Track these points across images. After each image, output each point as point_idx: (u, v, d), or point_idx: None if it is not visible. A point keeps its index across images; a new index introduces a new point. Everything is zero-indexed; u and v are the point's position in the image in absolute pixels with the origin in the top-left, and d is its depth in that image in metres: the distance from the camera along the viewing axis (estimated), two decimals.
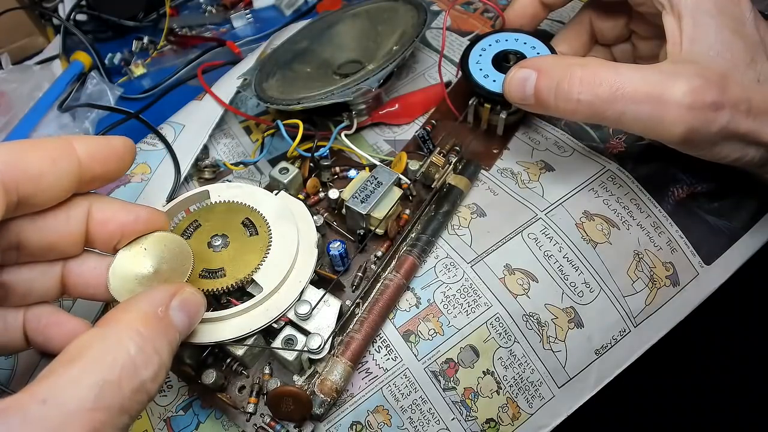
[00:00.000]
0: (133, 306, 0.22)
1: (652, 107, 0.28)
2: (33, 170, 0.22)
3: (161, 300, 0.22)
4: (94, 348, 0.19)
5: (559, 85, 0.31)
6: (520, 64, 0.33)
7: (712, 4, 0.30)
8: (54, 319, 0.26)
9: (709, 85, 0.28)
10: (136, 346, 0.20)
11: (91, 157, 0.24)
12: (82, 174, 0.24)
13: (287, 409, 0.28)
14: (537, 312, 0.33)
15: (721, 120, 0.28)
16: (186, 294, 0.24)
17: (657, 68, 0.29)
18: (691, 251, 0.36)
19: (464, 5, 0.53)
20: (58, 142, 0.23)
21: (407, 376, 0.31)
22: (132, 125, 0.46)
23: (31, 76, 0.56)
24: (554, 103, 0.31)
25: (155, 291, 0.23)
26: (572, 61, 0.31)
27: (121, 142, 0.26)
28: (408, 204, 0.36)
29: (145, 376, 0.20)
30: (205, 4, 0.65)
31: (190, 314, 0.23)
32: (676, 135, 0.29)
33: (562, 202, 0.36)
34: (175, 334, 0.22)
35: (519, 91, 0.33)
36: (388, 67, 0.38)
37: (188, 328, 0.24)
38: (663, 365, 0.48)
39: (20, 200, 0.22)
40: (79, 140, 0.24)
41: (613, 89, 0.29)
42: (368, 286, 0.32)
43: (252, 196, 0.32)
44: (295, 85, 0.42)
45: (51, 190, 0.23)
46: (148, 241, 0.27)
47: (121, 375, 0.19)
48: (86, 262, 0.26)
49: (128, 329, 0.20)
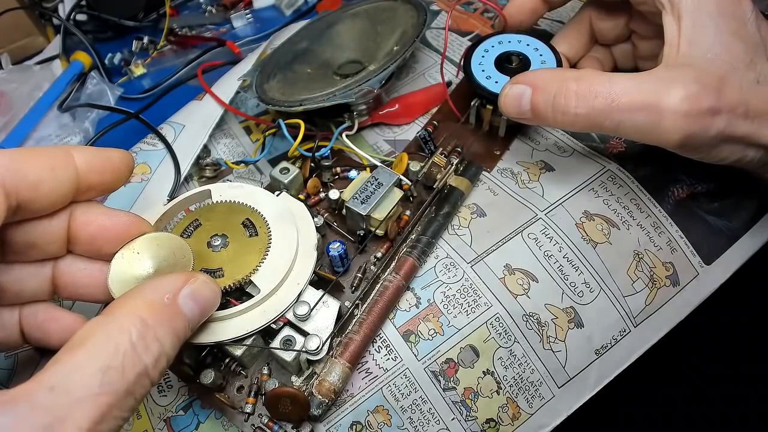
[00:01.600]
0: (138, 293, 0.22)
1: (648, 116, 0.29)
2: (33, 177, 0.23)
3: (169, 287, 0.23)
4: (97, 335, 0.20)
5: (556, 100, 0.31)
6: (513, 80, 0.33)
7: (713, 5, 0.30)
8: (51, 315, 0.27)
9: (705, 90, 0.28)
10: (138, 333, 0.20)
11: (89, 167, 0.25)
12: (80, 183, 0.25)
13: (285, 409, 0.28)
14: (537, 312, 0.33)
15: (718, 124, 0.28)
16: (198, 283, 0.23)
17: (651, 75, 0.30)
18: (691, 251, 0.36)
19: (464, 5, 0.53)
20: (57, 151, 0.24)
21: (407, 376, 0.31)
22: (132, 125, 0.46)
23: (31, 76, 0.56)
24: (552, 117, 0.31)
25: (165, 278, 0.23)
26: (567, 75, 0.31)
27: (119, 155, 0.26)
28: (408, 205, 0.36)
29: (146, 363, 0.20)
30: (205, 4, 0.65)
31: (201, 304, 0.23)
32: (673, 141, 0.29)
33: (562, 202, 0.36)
34: (183, 323, 0.22)
35: (515, 106, 0.33)
36: (390, 67, 0.38)
37: (199, 317, 0.24)
38: (663, 365, 0.48)
39: (19, 205, 0.22)
40: (78, 150, 0.25)
41: (608, 101, 0.29)
42: (368, 287, 0.32)
43: (253, 197, 0.32)
44: (296, 86, 0.42)
45: (49, 196, 0.24)
46: (137, 244, 0.27)
47: (124, 361, 0.19)
48: (75, 263, 0.27)
49: (131, 316, 0.21)
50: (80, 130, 0.51)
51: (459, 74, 0.45)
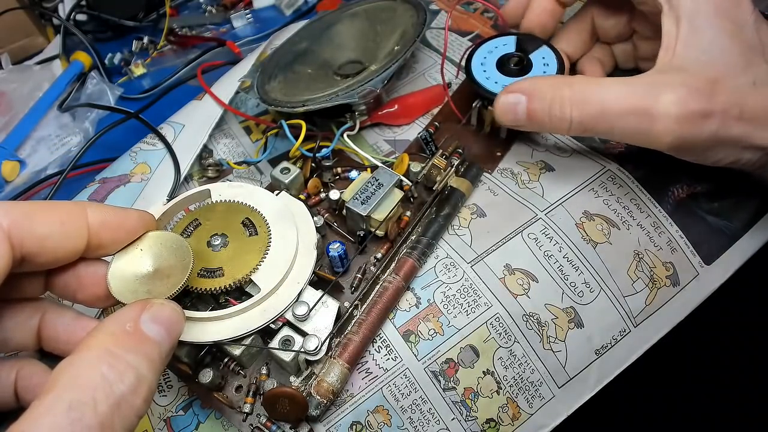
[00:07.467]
0: (101, 328, 0.22)
1: (640, 120, 0.29)
2: (40, 230, 0.23)
3: (129, 317, 0.22)
4: (65, 375, 0.19)
5: (552, 106, 0.31)
6: (507, 89, 0.34)
7: (712, 7, 0.30)
8: (46, 378, 0.26)
9: (697, 93, 0.28)
10: (107, 364, 0.20)
11: (102, 225, 0.25)
12: (91, 240, 0.24)
13: (283, 409, 0.28)
14: (537, 312, 0.33)
15: (710, 127, 0.28)
16: (156, 307, 0.23)
17: (642, 80, 0.30)
18: (691, 251, 0.36)
19: (464, 5, 0.53)
20: (70, 207, 0.24)
21: (407, 376, 0.31)
22: (132, 125, 0.46)
23: (31, 76, 0.56)
24: (549, 123, 0.32)
25: (123, 310, 0.23)
26: (559, 81, 0.32)
27: (137, 214, 0.26)
28: (409, 206, 0.36)
29: (123, 390, 0.19)
30: (205, 4, 0.65)
31: (165, 324, 0.23)
32: (665, 144, 0.29)
33: (562, 202, 0.36)
34: (153, 346, 0.22)
35: (510, 114, 0.33)
36: (392, 67, 0.38)
37: (168, 338, 0.23)
38: (663, 365, 0.48)
39: (24, 258, 0.22)
40: (93, 207, 0.25)
41: (600, 106, 0.30)
42: (367, 287, 0.32)
43: (252, 196, 0.32)
44: (297, 86, 0.42)
45: (56, 252, 0.24)
46: (143, 242, 0.27)
47: (95, 394, 0.19)
48: (64, 315, 0.26)
49: (97, 350, 0.20)
50: (80, 130, 0.51)
51: (459, 74, 0.45)
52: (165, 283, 0.25)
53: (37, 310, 0.26)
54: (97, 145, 0.44)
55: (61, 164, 0.50)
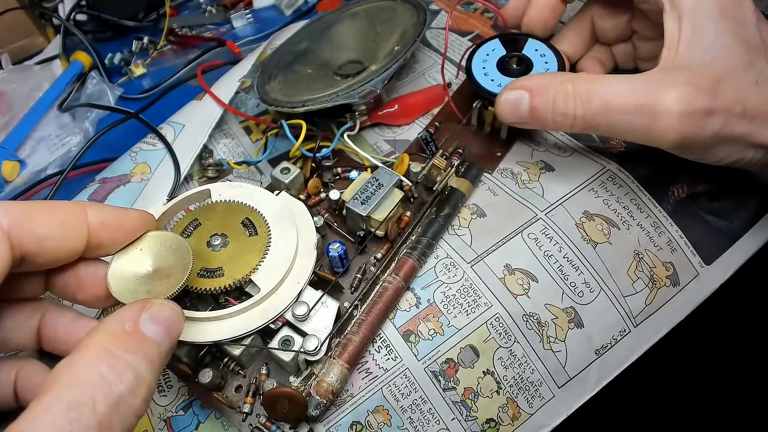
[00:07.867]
0: (101, 328, 0.22)
1: (642, 117, 0.29)
2: (40, 230, 0.23)
3: (128, 317, 0.22)
4: (64, 374, 0.19)
5: (555, 102, 0.31)
6: (509, 86, 0.33)
7: (714, 6, 0.30)
8: (45, 378, 0.26)
9: (700, 91, 0.28)
10: (106, 364, 0.20)
11: (102, 225, 0.25)
12: (90, 240, 0.24)
13: (283, 410, 0.28)
14: (537, 312, 0.33)
15: (714, 125, 0.28)
16: (155, 306, 0.23)
17: (646, 77, 0.30)
18: (691, 251, 0.36)
19: (464, 5, 0.53)
20: (70, 207, 0.24)
21: (407, 376, 0.31)
22: (132, 125, 0.46)
23: (31, 76, 0.56)
24: (552, 119, 0.32)
25: (122, 310, 0.23)
26: (562, 78, 0.32)
27: (137, 214, 0.26)
28: (409, 206, 0.36)
29: (122, 390, 0.20)
30: (205, 4, 0.65)
31: (164, 324, 0.23)
32: (668, 142, 0.29)
33: (562, 202, 0.36)
34: (152, 346, 0.22)
35: (513, 111, 0.33)
36: (393, 67, 0.38)
37: (167, 338, 0.23)
38: (663, 365, 0.48)
39: (24, 257, 0.22)
40: (93, 207, 0.25)
41: (602, 103, 0.30)
42: (367, 287, 0.32)
43: (252, 196, 0.32)
44: (297, 86, 0.42)
45: (56, 251, 0.24)
46: (143, 242, 0.27)
47: (94, 394, 0.19)
48: (64, 315, 0.26)
49: (97, 349, 0.20)
50: (80, 130, 0.51)
51: (459, 74, 0.45)
52: (165, 283, 0.25)
53: (36, 310, 0.26)
54: (97, 145, 0.44)
55: (61, 164, 0.50)
